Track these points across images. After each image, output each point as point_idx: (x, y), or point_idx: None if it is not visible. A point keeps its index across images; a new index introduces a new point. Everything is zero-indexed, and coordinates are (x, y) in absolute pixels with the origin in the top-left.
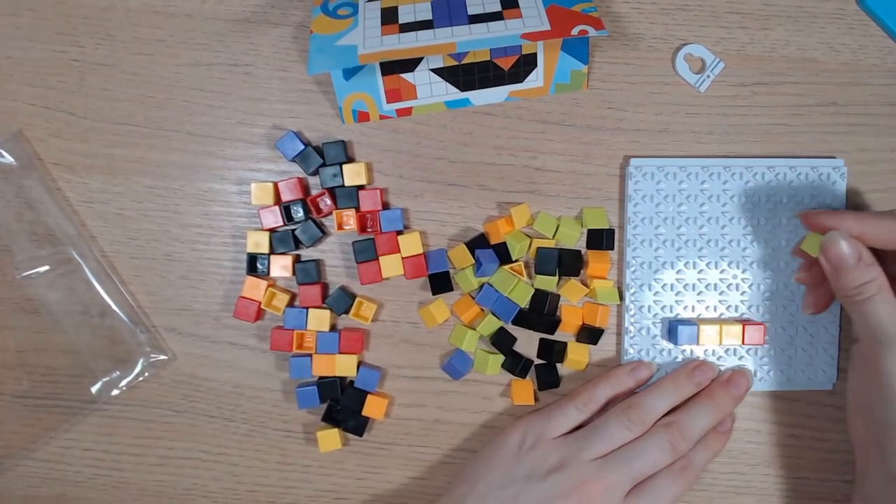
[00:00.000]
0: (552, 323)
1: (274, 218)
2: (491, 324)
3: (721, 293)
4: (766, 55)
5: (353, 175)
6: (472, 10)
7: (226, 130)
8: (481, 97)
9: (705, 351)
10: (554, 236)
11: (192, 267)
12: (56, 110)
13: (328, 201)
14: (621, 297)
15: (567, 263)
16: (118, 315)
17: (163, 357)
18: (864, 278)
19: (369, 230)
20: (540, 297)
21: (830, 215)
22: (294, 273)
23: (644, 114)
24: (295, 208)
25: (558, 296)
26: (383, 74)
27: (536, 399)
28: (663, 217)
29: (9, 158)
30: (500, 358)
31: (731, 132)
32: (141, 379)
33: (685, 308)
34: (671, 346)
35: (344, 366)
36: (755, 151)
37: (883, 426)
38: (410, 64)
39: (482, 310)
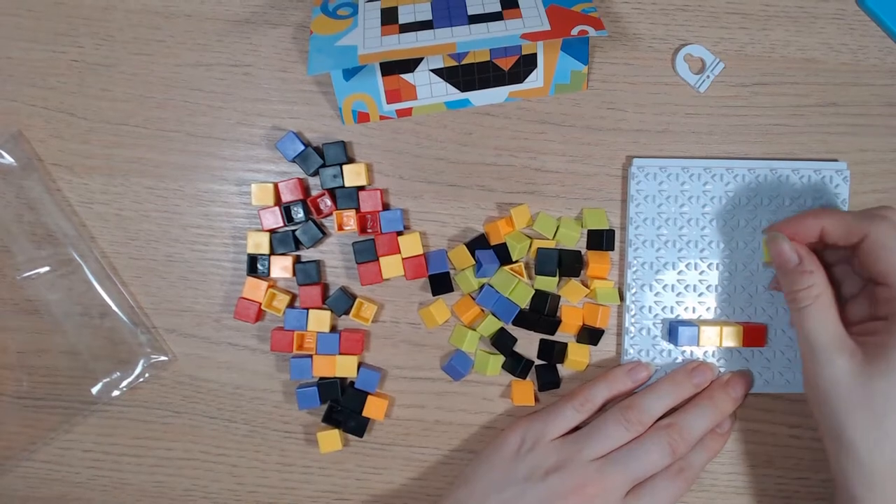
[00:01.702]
0: (552, 323)
1: (274, 219)
2: (491, 324)
3: (722, 294)
4: (766, 55)
5: (353, 176)
6: (471, 11)
7: (226, 131)
8: (481, 97)
9: (705, 352)
10: (554, 237)
11: (192, 268)
12: (56, 111)
13: (328, 202)
14: (622, 298)
15: (567, 264)
16: (118, 316)
17: (163, 358)
18: (801, 284)
19: (369, 231)
20: (540, 297)
21: (789, 220)
22: (294, 274)
23: (644, 114)
24: (295, 209)
25: (558, 296)
26: (383, 75)
27: (537, 400)
28: (665, 218)
29: (9, 159)
30: (501, 358)
31: (731, 132)
32: (141, 380)
33: (686, 309)
34: (671, 346)
35: (344, 367)
36: (755, 152)
37: (831, 437)
38: (410, 64)
39: (482, 310)
